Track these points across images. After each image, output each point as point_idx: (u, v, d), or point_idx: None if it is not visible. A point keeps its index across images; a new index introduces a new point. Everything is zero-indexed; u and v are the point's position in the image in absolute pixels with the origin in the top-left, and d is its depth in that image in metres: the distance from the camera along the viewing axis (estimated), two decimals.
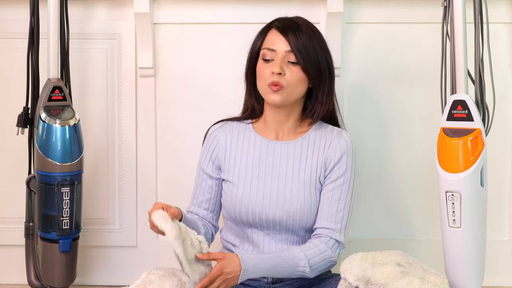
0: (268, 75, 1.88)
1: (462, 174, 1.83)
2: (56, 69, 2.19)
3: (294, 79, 1.88)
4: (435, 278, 1.68)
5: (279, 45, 1.88)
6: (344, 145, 1.93)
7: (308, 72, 1.88)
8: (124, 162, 2.47)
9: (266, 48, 1.90)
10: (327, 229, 1.88)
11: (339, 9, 2.33)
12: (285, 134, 1.95)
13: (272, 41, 1.90)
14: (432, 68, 2.30)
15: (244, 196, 1.90)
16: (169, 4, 2.41)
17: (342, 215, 1.89)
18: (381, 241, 2.45)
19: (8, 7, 2.40)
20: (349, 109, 2.42)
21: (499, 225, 2.47)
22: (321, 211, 1.90)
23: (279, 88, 1.86)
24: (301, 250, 1.83)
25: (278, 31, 1.90)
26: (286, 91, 1.87)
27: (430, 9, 2.35)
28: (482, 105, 1.92)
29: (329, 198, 1.90)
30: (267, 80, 1.88)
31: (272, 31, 1.92)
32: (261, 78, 1.90)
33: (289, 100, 1.89)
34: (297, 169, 1.91)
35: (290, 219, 1.89)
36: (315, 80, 1.90)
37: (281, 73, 1.86)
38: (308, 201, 1.89)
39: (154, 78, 2.44)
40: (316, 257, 1.83)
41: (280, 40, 1.89)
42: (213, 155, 1.96)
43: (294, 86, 1.88)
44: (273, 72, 1.86)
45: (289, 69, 1.88)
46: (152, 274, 1.74)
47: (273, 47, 1.89)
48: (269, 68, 1.88)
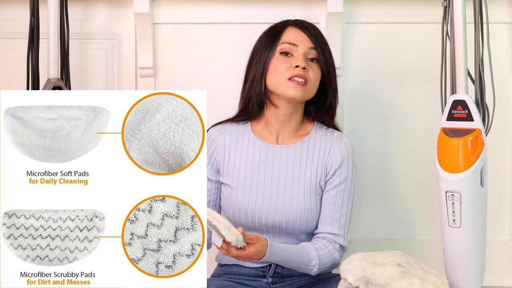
0: (286, 69, 1.85)
1: (462, 174, 1.83)
2: (56, 69, 2.19)
3: (315, 76, 1.88)
4: (435, 278, 1.68)
5: (302, 40, 1.87)
6: (345, 150, 1.93)
7: (324, 71, 1.88)
8: None
9: (287, 43, 1.88)
10: (332, 235, 1.89)
11: (339, 9, 2.32)
12: (285, 137, 1.94)
13: (293, 36, 1.89)
14: (432, 68, 2.30)
15: (244, 200, 1.89)
16: (169, 4, 2.41)
17: (345, 220, 1.90)
18: (381, 241, 2.45)
19: (8, 7, 2.40)
20: (349, 109, 2.42)
21: (499, 225, 2.47)
22: (325, 217, 1.90)
23: (303, 84, 1.85)
24: (315, 250, 1.84)
25: (298, 28, 1.89)
26: (309, 88, 1.87)
27: (430, 9, 2.35)
28: (482, 105, 1.92)
29: (332, 204, 1.90)
30: (286, 74, 1.85)
31: (291, 28, 1.91)
32: (277, 72, 1.87)
33: (306, 97, 1.88)
34: (297, 173, 1.91)
35: (290, 223, 1.88)
36: (327, 82, 1.90)
37: (306, 68, 1.86)
38: (308, 205, 1.89)
39: (154, 78, 2.44)
40: (326, 259, 1.85)
41: (302, 36, 1.88)
42: (211, 158, 1.95)
43: (314, 83, 1.88)
44: (298, 65, 1.84)
45: (310, 66, 1.87)
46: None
47: (295, 41, 1.88)
48: (289, 62, 1.86)
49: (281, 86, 1.86)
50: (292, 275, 1.91)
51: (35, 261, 1.61)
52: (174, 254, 1.58)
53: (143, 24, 2.37)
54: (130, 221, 1.59)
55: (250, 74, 1.94)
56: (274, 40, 1.90)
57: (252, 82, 1.92)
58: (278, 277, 1.91)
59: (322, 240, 1.89)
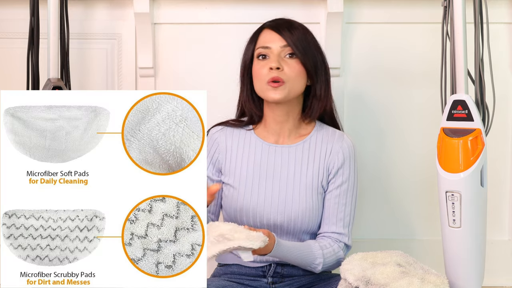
0: (265, 73, 1.86)
1: (462, 174, 1.83)
2: (56, 69, 2.19)
3: (293, 72, 1.87)
4: (435, 278, 1.68)
5: (274, 42, 1.88)
6: (346, 150, 1.93)
7: (305, 64, 1.87)
8: None
9: (261, 47, 1.89)
10: (337, 234, 1.90)
11: (339, 9, 2.32)
12: (286, 137, 1.95)
13: (266, 39, 1.89)
14: (432, 68, 2.30)
15: (245, 200, 1.90)
16: (169, 4, 2.41)
17: (349, 219, 1.92)
18: (381, 241, 2.45)
19: (8, 7, 2.40)
20: (349, 109, 2.42)
21: (499, 225, 2.47)
22: (329, 217, 1.90)
23: (280, 84, 1.85)
24: (320, 248, 1.84)
25: (271, 30, 1.90)
26: (288, 86, 1.86)
27: (430, 9, 2.35)
28: (482, 105, 1.92)
29: (336, 203, 1.90)
30: (265, 78, 1.86)
31: (265, 32, 1.91)
32: (258, 78, 1.88)
33: (290, 95, 1.87)
34: (298, 173, 1.91)
35: (292, 223, 1.89)
36: (313, 73, 1.89)
37: (280, 67, 1.85)
38: (310, 205, 1.89)
39: (154, 78, 2.44)
40: (330, 257, 1.86)
41: (274, 37, 1.88)
42: (213, 158, 1.96)
43: (294, 80, 1.87)
44: (271, 67, 1.85)
45: (286, 63, 1.87)
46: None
47: (268, 44, 1.88)
48: (266, 65, 1.86)
49: (263, 91, 1.88)
50: (292, 275, 1.91)
51: (35, 261, 1.60)
52: (174, 254, 1.58)
53: (143, 24, 2.37)
54: (130, 221, 1.59)
55: (243, 82, 1.96)
56: (252, 46, 1.93)
57: (245, 91, 1.95)
58: (278, 277, 1.91)
59: (327, 239, 1.90)
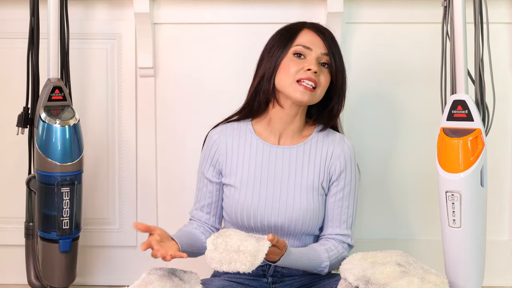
0: (297, 71, 1.84)
1: (462, 174, 1.83)
2: (56, 69, 2.19)
3: (325, 81, 1.87)
4: (435, 278, 1.68)
5: (317, 45, 1.87)
6: (348, 153, 1.93)
7: (336, 81, 1.88)
8: (124, 162, 2.47)
9: (302, 45, 1.87)
10: (341, 235, 1.91)
11: (339, 9, 2.32)
12: (288, 137, 1.94)
13: (308, 39, 1.88)
14: (432, 68, 2.30)
15: (246, 201, 1.89)
16: (169, 4, 2.41)
17: (352, 220, 1.93)
18: (381, 241, 2.45)
19: (8, 7, 2.40)
20: (349, 109, 2.41)
21: (499, 225, 2.47)
22: (333, 220, 1.91)
23: (312, 88, 1.84)
24: (325, 251, 1.86)
25: (314, 31, 1.89)
26: (317, 93, 1.86)
27: (430, 9, 2.35)
28: (482, 105, 1.92)
29: (339, 206, 1.91)
30: (295, 76, 1.85)
31: (306, 31, 1.90)
32: (288, 74, 1.86)
33: (313, 101, 1.87)
34: (299, 174, 1.91)
35: (292, 224, 1.88)
36: (338, 90, 1.90)
37: (317, 72, 1.85)
38: (311, 206, 1.89)
39: (154, 78, 2.44)
40: (336, 259, 1.87)
41: (317, 40, 1.88)
42: (213, 160, 1.95)
43: (323, 89, 1.88)
44: (311, 69, 1.84)
45: (321, 71, 1.87)
46: (152, 274, 1.74)
47: (310, 45, 1.87)
48: (301, 64, 1.85)
49: (290, 87, 1.86)
50: (292, 275, 1.91)
51: None
52: None
53: (143, 24, 2.37)
54: None
55: (260, 71, 1.93)
56: (288, 41, 1.90)
57: (262, 79, 1.91)
58: (278, 277, 1.91)
59: (331, 240, 1.90)
